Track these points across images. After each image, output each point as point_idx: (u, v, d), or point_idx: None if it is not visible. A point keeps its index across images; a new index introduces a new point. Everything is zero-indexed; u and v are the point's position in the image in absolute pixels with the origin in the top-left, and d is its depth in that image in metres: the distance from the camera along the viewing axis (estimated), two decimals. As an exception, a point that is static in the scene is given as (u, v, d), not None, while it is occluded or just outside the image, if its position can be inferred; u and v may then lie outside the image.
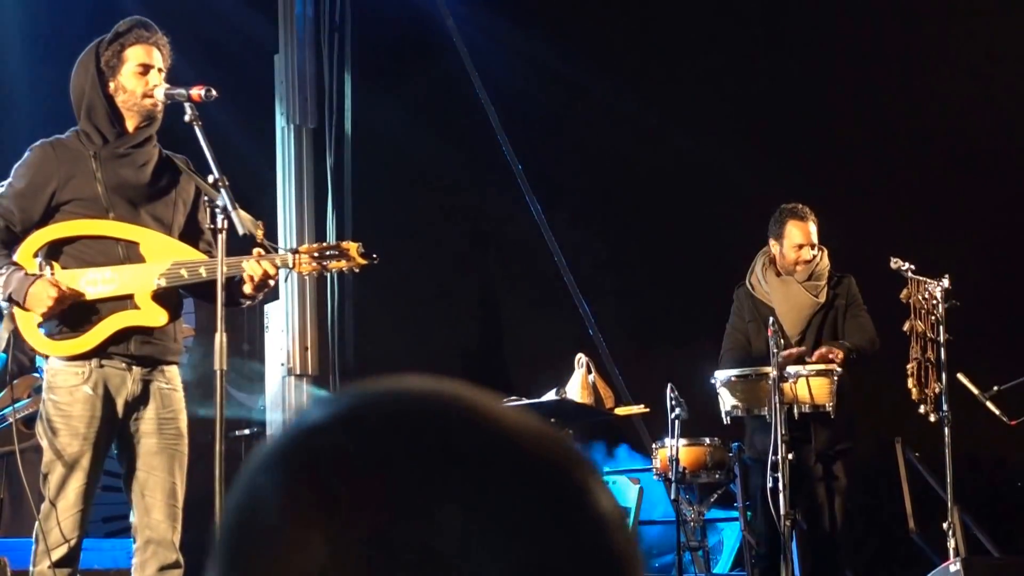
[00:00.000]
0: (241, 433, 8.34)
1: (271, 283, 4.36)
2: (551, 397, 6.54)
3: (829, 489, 6.21)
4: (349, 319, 9.32)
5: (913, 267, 6.28)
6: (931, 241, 8.13)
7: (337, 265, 4.38)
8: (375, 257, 4.40)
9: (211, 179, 4.27)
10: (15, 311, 4.32)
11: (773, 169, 8.91)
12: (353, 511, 0.77)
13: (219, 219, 4.21)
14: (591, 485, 0.82)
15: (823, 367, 6.07)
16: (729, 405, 6.22)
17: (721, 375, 6.26)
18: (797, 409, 6.03)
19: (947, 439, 6.18)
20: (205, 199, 4.36)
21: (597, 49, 9.42)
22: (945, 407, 6.16)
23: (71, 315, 4.32)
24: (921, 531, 7.28)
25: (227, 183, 4.24)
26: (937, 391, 6.17)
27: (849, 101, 9.11)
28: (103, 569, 6.24)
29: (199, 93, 4.32)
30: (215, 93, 4.33)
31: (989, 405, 6.38)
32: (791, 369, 6.03)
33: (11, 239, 4.37)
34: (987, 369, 6.63)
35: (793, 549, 6.11)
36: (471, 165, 9.57)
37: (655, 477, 7.07)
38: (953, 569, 6.00)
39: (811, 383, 6.03)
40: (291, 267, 4.37)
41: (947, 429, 6.16)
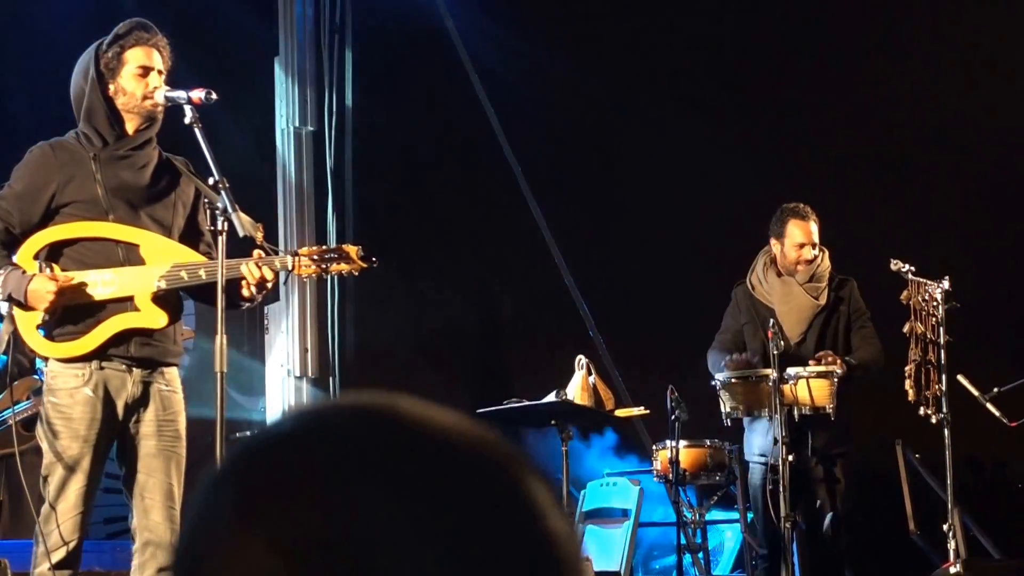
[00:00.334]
0: (242, 435, 8.33)
1: (270, 286, 4.35)
2: (551, 399, 6.54)
3: (829, 491, 6.20)
4: (349, 321, 9.32)
5: (913, 269, 6.27)
6: (931, 242, 8.13)
7: (337, 268, 4.38)
8: (375, 260, 4.40)
9: (211, 181, 4.27)
10: (15, 312, 4.31)
11: (774, 169, 8.90)
12: (298, 520, 0.83)
13: (219, 221, 4.21)
14: (525, 478, 0.87)
15: (823, 369, 6.07)
16: (729, 407, 6.22)
17: (721, 376, 6.25)
18: (797, 411, 6.03)
19: (947, 440, 6.17)
20: (205, 201, 4.36)
21: (597, 50, 9.41)
22: (945, 408, 6.16)
23: (71, 317, 4.31)
24: (921, 533, 7.27)
25: (227, 185, 4.24)
26: (938, 392, 6.16)
27: (849, 101, 9.10)
28: (103, 571, 6.24)
29: (199, 95, 4.32)
30: (215, 95, 4.33)
31: (989, 406, 6.37)
32: (791, 371, 6.03)
33: (11, 241, 4.36)
34: (987, 370, 6.62)
35: (793, 551, 6.11)
36: (471, 166, 9.57)
37: (655, 479, 7.07)
38: (953, 571, 6.00)
39: (811, 385, 6.02)
40: (291, 270, 4.36)
41: (947, 430, 6.16)
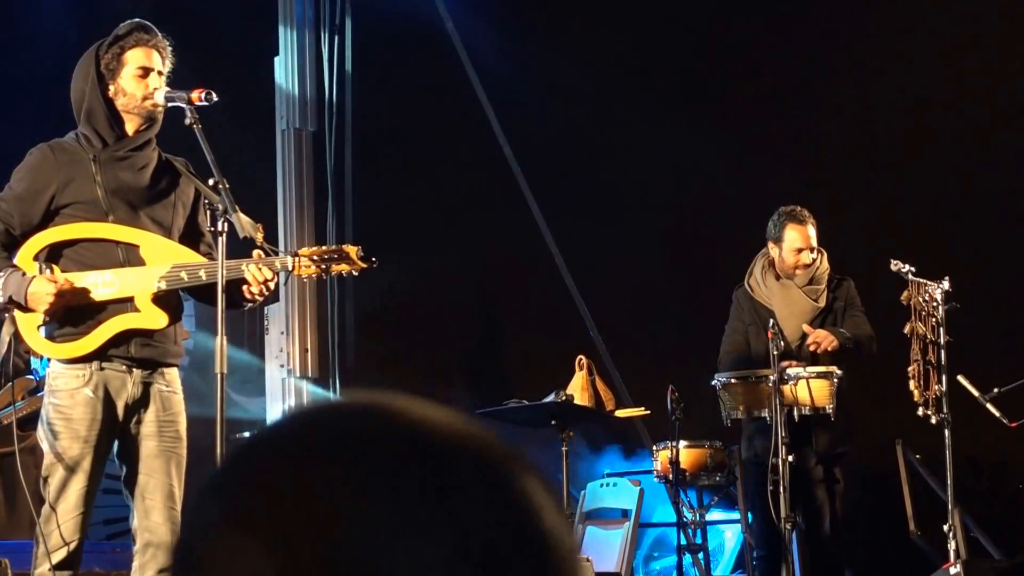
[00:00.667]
0: (242, 435, 8.34)
1: (271, 286, 4.35)
2: (552, 399, 6.54)
3: (829, 491, 6.20)
4: (349, 321, 9.33)
5: (913, 269, 6.27)
6: (931, 243, 8.13)
7: (337, 268, 4.37)
8: (375, 260, 4.40)
9: (211, 182, 4.27)
10: (16, 313, 4.31)
11: (773, 170, 8.90)
12: (297, 521, 0.83)
13: (219, 222, 4.21)
14: (522, 477, 0.87)
15: (823, 369, 6.07)
16: (729, 407, 6.22)
17: (721, 377, 6.26)
18: (797, 411, 6.03)
19: (947, 441, 6.17)
20: (205, 202, 4.36)
21: (597, 51, 9.42)
22: (945, 409, 6.16)
23: (72, 317, 4.31)
24: (922, 533, 7.27)
25: (227, 186, 4.24)
26: (938, 393, 6.16)
27: (849, 101, 9.10)
28: (104, 571, 6.24)
29: (199, 96, 4.32)
30: (215, 96, 4.33)
31: (989, 407, 6.37)
32: (791, 371, 6.03)
33: (10, 242, 4.36)
34: (987, 371, 6.62)
35: (794, 551, 6.11)
36: (471, 167, 9.57)
37: (656, 479, 7.08)
38: (953, 571, 6.00)
39: (811, 385, 6.02)
40: (291, 270, 4.36)
41: (947, 431, 6.16)
